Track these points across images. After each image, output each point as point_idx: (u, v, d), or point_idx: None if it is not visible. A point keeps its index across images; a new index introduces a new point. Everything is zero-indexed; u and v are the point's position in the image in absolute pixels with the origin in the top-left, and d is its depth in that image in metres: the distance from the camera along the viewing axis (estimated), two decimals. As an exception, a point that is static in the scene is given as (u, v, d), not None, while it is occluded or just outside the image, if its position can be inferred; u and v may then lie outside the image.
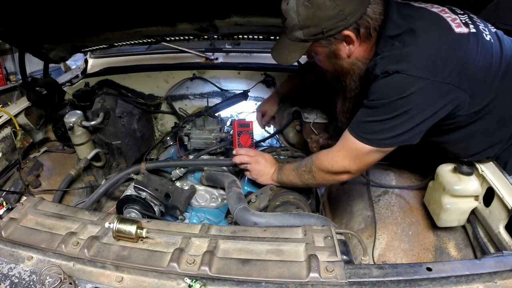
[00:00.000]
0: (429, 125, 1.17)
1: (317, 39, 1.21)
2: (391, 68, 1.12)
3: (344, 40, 1.22)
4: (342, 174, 1.33)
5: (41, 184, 1.86)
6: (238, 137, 1.75)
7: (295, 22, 1.19)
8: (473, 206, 1.32)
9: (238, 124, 1.79)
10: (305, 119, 1.79)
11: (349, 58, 1.27)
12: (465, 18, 1.21)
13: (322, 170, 1.36)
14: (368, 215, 1.52)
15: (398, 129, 1.16)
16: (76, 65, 3.24)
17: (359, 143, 1.23)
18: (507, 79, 1.18)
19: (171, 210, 1.66)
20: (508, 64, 1.19)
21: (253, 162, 1.59)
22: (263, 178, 1.58)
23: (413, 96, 1.11)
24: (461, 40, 1.14)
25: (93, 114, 2.02)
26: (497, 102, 1.19)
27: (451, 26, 1.15)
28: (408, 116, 1.14)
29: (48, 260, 1.01)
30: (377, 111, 1.17)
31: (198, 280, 0.91)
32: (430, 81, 1.09)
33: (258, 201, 1.57)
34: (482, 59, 1.14)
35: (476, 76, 1.13)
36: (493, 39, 1.20)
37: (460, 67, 1.10)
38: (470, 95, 1.14)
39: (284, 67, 2.38)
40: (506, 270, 0.89)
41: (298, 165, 1.46)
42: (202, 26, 2.03)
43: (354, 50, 1.24)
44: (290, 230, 1.06)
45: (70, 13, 1.77)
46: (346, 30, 1.18)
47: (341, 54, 1.26)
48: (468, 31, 1.16)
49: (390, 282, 0.87)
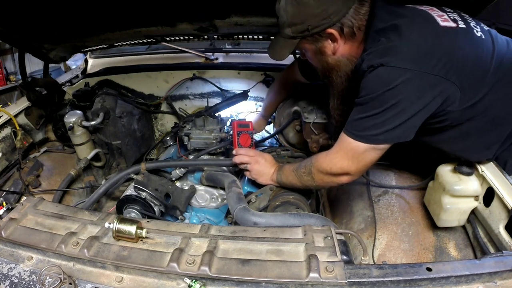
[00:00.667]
0: (421, 119, 1.18)
1: (304, 36, 1.27)
2: (376, 62, 1.14)
3: (329, 38, 1.27)
4: (341, 176, 1.33)
5: (41, 184, 1.86)
6: (237, 137, 1.75)
7: (284, 20, 1.26)
8: (473, 206, 1.32)
9: (238, 124, 1.78)
10: (305, 119, 1.79)
11: (334, 55, 1.31)
12: (455, 15, 1.23)
13: (321, 172, 1.36)
14: (368, 215, 1.52)
15: (389, 124, 1.16)
16: (76, 65, 3.23)
17: (354, 141, 1.24)
18: (500, 77, 1.19)
19: (171, 210, 1.66)
20: (501, 62, 1.19)
21: (252, 162, 1.60)
22: (263, 178, 1.59)
23: (400, 87, 1.12)
24: (447, 33, 1.16)
25: (93, 114, 2.02)
26: (490, 100, 1.19)
27: (436, 20, 1.18)
28: (398, 109, 1.14)
29: (48, 260, 1.01)
30: (367, 106, 1.19)
31: (198, 280, 0.91)
32: (416, 72, 1.10)
33: (258, 201, 1.57)
34: (471, 54, 1.15)
35: (465, 70, 1.14)
36: (484, 36, 1.21)
37: (446, 59, 1.11)
38: (460, 89, 1.14)
39: (284, 67, 2.39)
40: (506, 270, 0.89)
41: (298, 166, 1.46)
42: (202, 26, 2.03)
43: (338, 47, 1.29)
44: (290, 230, 1.06)
45: (70, 13, 1.77)
46: (330, 29, 1.23)
47: (326, 51, 1.31)
48: (456, 25, 1.18)
49: (390, 282, 0.87)
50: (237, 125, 1.78)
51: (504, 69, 1.19)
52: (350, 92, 1.35)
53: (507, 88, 1.20)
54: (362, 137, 1.22)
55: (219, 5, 1.80)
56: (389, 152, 1.27)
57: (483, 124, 1.24)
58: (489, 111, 1.21)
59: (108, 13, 1.84)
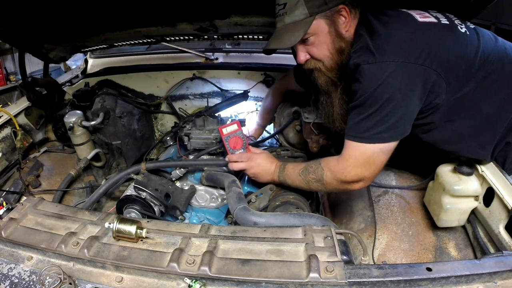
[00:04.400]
0: (416, 110, 1.20)
1: (321, 11, 1.26)
2: (361, 60, 1.18)
3: (341, 14, 1.28)
4: (355, 183, 1.31)
5: (41, 184, 1.86)
6: (227, 143, 1.63)
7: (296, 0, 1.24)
8: (473, 206, 1.32)
9: (222, 129, 1.61)
10: (305, 119, 1.79)
11: (347, 33, 1.31)
12: (438, 14, 1.27)
13: (335, 179, 1.33)
14: (368, 215, 1.52)
15: (389, 119, 1.18)
16: (76, 65, 3.24)
17: (360, 145, 1.23)
18: (488, 73, 1.20)
19: (171, 210, 1.66)
20: (487, 58, 1.20)
21: (248, 167, 1.56)
22: (263, 178, 1.57)
23: (389, 80, 1.14)
24: (427, 27, 1.20)
25: (93, 114, 2.02)
26: (479, 96, 1.21)
27: (414, 17, 1.22)
28: (393, 103, 1.16)
29: (48, 260, 1.01)
30: (364, 106, 1.20)
31: (198, 280, 0.91)
32: (400, 63, 1.13)
33: (258, 201, 1.56)
34: (455, 48, 1.18)
35: (448, 63, 1.16)
36: (469, 32, 1.23)
37: (429, 50, 1.14)
38: (445, 80, 1.16)
39: (284, 67, 2.39)
40: (506, 270, 0.89)
41: (305, 170, 1.41)
42: (202, 26, 2.03)
43: (349, 23, 1.30)
44: (290, 230, 1.06)
45: (70, 13, 1.77)
46: (342, 4, 1.26)
47: (340, 28, 1.30)
48: (437, 21, 1.22)
49: (390, 282, 0.87)
50: (221, 130, 1.61)
51: (493, 65, 1.21)
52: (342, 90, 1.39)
53: (496, 86, 1.22)
54: (366, 138, 1.22)
55: (219, 5, 1.80)
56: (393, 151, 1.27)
57: (474, 122, 1.25)
58: (479, 108, 1.23)
59: (108, 13, 1.84)
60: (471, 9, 1.46)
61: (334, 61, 1.35)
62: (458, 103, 1.21)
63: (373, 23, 1.21)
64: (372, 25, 1.21)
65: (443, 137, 1.32)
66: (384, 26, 1.19)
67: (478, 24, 1.34)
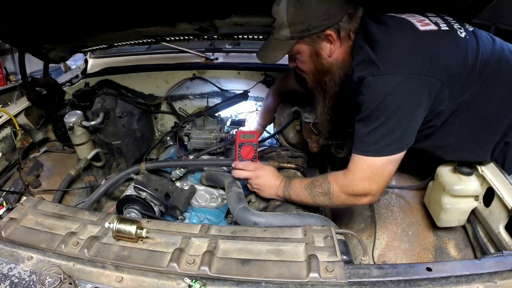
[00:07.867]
0: (421, 120, 1.20)
1: (303, 37, 1.29)
2: (366, 73, 1.18)
3: (326, 40, 1.29)
4: (363, 196, 1.28)
5: (41, 184, 1.86)
6: (239, 149, 1.57)
7: (283, 20, 1.27)
8: (473, 206, 1.32)
9: (241, 134, 1.57)
10: (305, 119, 1.79)
11: (329, 58, 1.33)
12: (437, 19, 1.26)
13: (342, 192, 1.30)
14: (368, 215, 1.52)
15: (396, 131, 1.17)
16: (76, 65, 3.24)
17: (368, 159, 1.22)
18: (486, 77, 1.20)
19: (171, 210, 1.66)
20: (486, 61, 1.21)
21: (253, 177, 1.51)
22: (266, 193, 1.51)
23: (395, 92, 1.14)
24: (428, 36, 1.20)
25: (93, 114, 2.01)
26: (478, 99, 1.22)
27: (415, 25, 1.22)
28: (400, 114, 1.16)
29: (48, 260, 1.01)
30: (371, 119, 1.19)
31: (198, 280, 0.91)
32: (405, 74, 1.14)
33: (258, 201, 1.56)
34: (456, 55, 1.18)
35: (451, 70, 1.16)
36: (468, 36, 1.23)
37: (431, 59, 1.14)
38: (448, 88, 1.16)
39: (284, 67, 2.38)
40: (506, 270, 0.89)
41: (311, 184, 1.37)
42: (202, 26, 2.03)
43: (334, 50, 1.31)
44: (290, 230, 1.06)
45: (70, 13, 1.77)
46: (329, 30, 1.26)
47: (322, 53, 1.32)
48: (437, 28, 1.22)
49: (390, 282, 0.87)
50: (240, 136, 1.56)
51: (492, 68, 1.21)
52: (340, 98, 1.39)
53: (495, 88, 1.22)
54: (374, 152, 1.21)
55: (219, 5, 1.80)
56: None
57: (473, 124, 1.26)
58: (478, 110, 1.23)
59: (108, 13, 1.84)
60: (470, 10, 1.46)
61: (316, 78, 1.40)
62: (459, 107, 1.22)
63: (374, 33, 1.20)
64: (372, 35, 1.20)
65: (442, 140, 1.31)
66: (385, 35, 1.19)
67: (478, 24, 1.34)
